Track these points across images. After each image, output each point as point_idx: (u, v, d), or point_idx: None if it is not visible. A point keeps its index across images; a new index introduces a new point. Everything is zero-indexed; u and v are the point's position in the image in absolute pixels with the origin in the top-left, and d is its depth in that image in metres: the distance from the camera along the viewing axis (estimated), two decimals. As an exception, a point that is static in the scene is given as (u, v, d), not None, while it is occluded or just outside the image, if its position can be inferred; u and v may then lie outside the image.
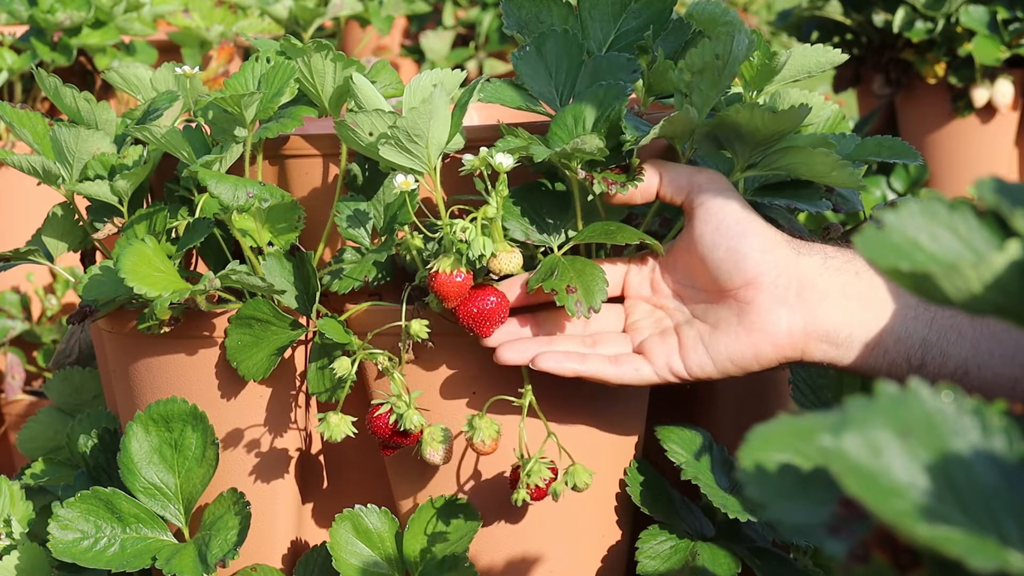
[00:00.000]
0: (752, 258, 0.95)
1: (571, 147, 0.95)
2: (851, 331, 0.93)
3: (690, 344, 0.97)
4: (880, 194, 2.69)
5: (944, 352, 0.92)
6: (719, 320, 0.97)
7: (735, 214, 0.96)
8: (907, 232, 0.51)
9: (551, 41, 1.03)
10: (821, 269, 0.95)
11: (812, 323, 0.94)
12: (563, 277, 0.97)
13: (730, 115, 0.95)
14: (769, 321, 0.94)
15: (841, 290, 0.94)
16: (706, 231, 0.96)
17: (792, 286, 0.94)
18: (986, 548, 0.42)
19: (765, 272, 0.94)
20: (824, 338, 0.94)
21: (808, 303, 0.94)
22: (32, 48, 2.17)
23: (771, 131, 0.96)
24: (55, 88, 1.10)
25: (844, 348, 0.94)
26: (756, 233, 0.95)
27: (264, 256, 1.04)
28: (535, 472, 0.99)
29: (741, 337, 0.95)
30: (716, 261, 0.96)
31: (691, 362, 0.97)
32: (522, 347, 0.99)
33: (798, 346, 0.94)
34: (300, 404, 1.10)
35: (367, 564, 1.04)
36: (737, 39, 0.93)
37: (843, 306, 0.94)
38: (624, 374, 0.98)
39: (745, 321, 0.95)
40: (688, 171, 0.99)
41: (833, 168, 0.97)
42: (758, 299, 0.95)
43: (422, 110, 0.92)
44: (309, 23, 2.82)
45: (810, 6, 2.78)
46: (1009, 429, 0.46)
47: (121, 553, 1.05)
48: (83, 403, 1.37)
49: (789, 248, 0.96)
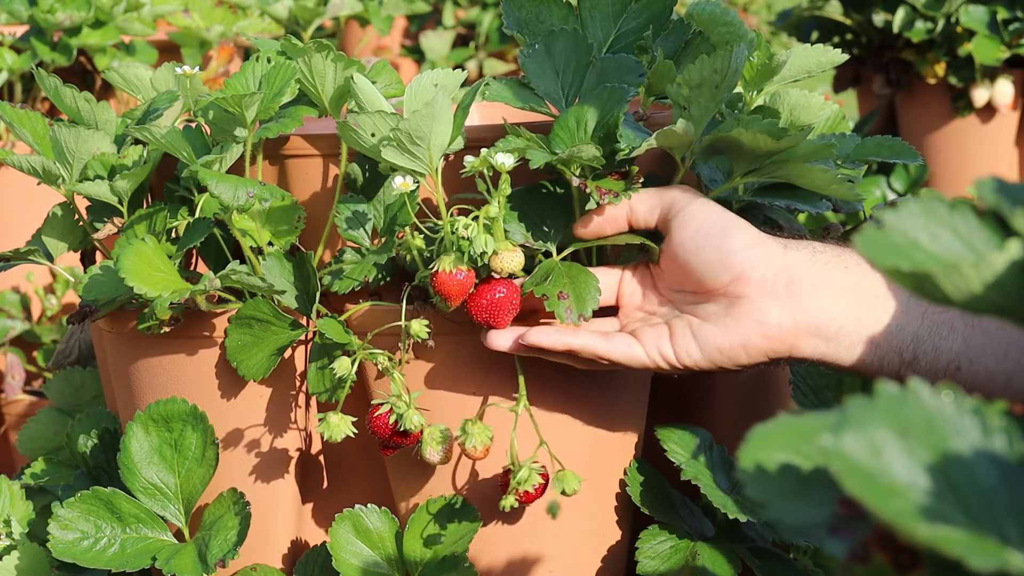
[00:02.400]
0: (739, 254, 0.94)
1: (567, 155, 0.95)
2: (841, 325, 0.93)
3: (679, 333, 0.97)
4: (880, 194, 2.69)
5: (936, 347, 0.91)
6: (709, 314, 0.96)
7: (714, 215, 0.96)
8: (907, 232, 0.51)
9: (561, 40, 1.03)
10: (810, 263, 0.94)
11: (802, 316, 0.93)
12: (556, 283, 0.97)
13: (731, 135, 0.95)
14: (759, 312, 0.94)
15: (831, 284, 0.94)
16: (687, 237, 0.96)
17: (781, 280, 0.94)
18: (986, 548, 0.42)
19: (753, 267, 0.94)
20: (814, 332, 0.94)
21: (797, 296, 0.94)
22: (32, 48, 2.17)
23: (772, 150, 0.96)
24: (55, 88, 1.10)
25: (834, 343, 0.93)
26: (738, 229, 0.95)
27: (264, 256, 1.04)
28: (526, 480, 0.99)
29: (730, 327, 0.95)
30: (702, 262, 0.95)
31: (680, 350, 0.96)
32: (511, 332, 0.99)
33: (787, 340, 0.94)
34: (300, 404, 1.10)
35: (367, 564, 1.04)
36: (736, 52, 0.93)
37: (833, 300, 0.93)
38: (614, 349, 0.97)
39: (734, 312, 0.95)
40: (655, 191, 0.98)
41: (832, 182, 0.97)
42: (747, 292, 0.94)
43: (425, 113, 0.92)
44: (309, 23, 2.82)
45: (810, 6, 2.78)
46: (1009, 429, 0.46)
47: (121, 553, 1.05)
48: (83, 403, 1.36)
49: (775, 243, 0.95)
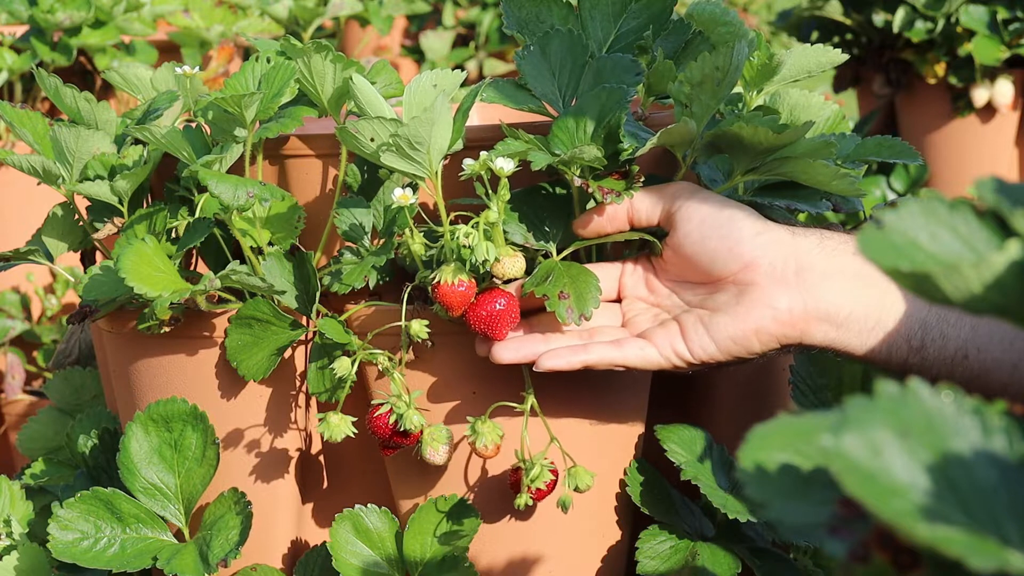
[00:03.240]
0: (747, 241, 0.94)
1: (569, 156, 0.95)
2: (851, 310, 0.93)
3: (691, 328, 0.96)
4: (880, 194, 2.69)
5: (944, 334, 0.91)
6: (718, 304, 0.96)
7: (718, 205, 0.96)
8: (907, 232, 0.51)
9: (556, 41, 1.03)
10: (818, 250, 0.94)
11: (812, 302, 0.93)
12: (557, 283, 0.96)
13: (732, 130, 0.95)
14: (769, 299, 0.94)
15: (840, 270, 0.94)
16: (692, 228, 0.96)
17: (791, 266, 0.94)
18: (986, 548, 0.42)
19: (762, 254, 0.94)
20: (825, 317, 0.93)
21: (807, 283, 0.93)
22: (32, 48, 2.17)
23: (773, 144, 0.96)
24: (55, 88, 1.10)
25: (844, 328, 0.93)
26: (745, 217, 0.95)
27: (264, 256, 1.04)
28: (538, 477, 1.00)
29: (741, 315, 0.94)
30: (710, 252, 0.95)
31: (694, 344, 0.96)
32: (517, 345, 0.99)
33: (798, 326, 0.94)
34: (300, 404, 1.10)
35: (367, 564, 1.04)
36: (737, 49, 0.93)
37: (842, 286, 0.93)
38: (628, 355, 0.97)
39: (745, 300, 0.94)
40: (655, 189, 0.99)
41: (833, 178, 0.97)
42: (757, 279, 0.94)
43: (424, 118, 0.92)
44: (309, 23, 2.82)
45: (810, 6, 2.78)
46: (1009, 429, 0.46)
47: (121, 553, 1.05)
48: (83, 403, 1.36)
49: (783, 230, 0.95)
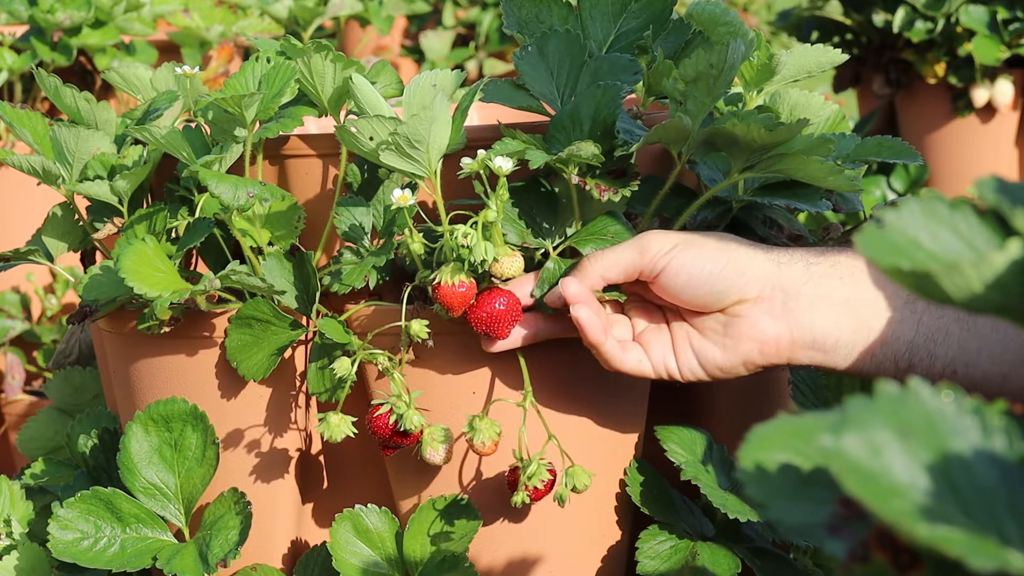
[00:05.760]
0: (735, 287, 0.95)
1: (567, 154, 0.95)
2: (838, 337, 0.94)
3: (680, 349, 0.99)
4: (880, 194, 2.69)
5: (932, 353, 0.92)
6: (706, 329, 0.98)
7: (702, 258, 0.96)
8: (907, 231, 0.50)
9: (553, 41, 1.03)
10: (805, 278, 0.95)
11: (799, 332, 0.95)
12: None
13: (726, 127, 0.95)
14: (756, 330, 0.96)
15: (826, 297, 0.95)
16: (678, 285, 0.96)
17: (777, 297, 0.95)
18: (986, 548, 0.42)
19: (749, 291, 0.95)
20: (811, 345, 0.95)
21: (794, 312, 0.95)
22: (32, 48, 2.17)
23: (766, 142, 0.96)
24: (55, 88, 1.10)
25: (831, 354, 0.95)
26: (728, 263, 0.96)
27: (264, 256, 1.04)
28: (535, 475, 1.00)
29: (729, 347, 0.97)
30: (698, 300, 0.97)
31: (684, 368, 0.99)
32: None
33: (784, 354, 0.96)
34: (300, 404, 1.10)
35: (367, 564, 1.04)
36: (732, 47, 0.93)
37: (828, 313, 0.94)
38: (627, 362, 0.99)
39: (731, 332, 0.96)
40: (627, 256, 0.97)
41: (829, 173, 0.97)
42: (744, 311, 0.96)
43: (423, 116, 0.92)
44: (309, 23, 2.82)
45: (810, 6, 2.78)
46: (1009, 429, 0.46)
47: (121, 553, 1.05)
48: (83, 403, 1.36)
49: (768, 262, 0.96)
